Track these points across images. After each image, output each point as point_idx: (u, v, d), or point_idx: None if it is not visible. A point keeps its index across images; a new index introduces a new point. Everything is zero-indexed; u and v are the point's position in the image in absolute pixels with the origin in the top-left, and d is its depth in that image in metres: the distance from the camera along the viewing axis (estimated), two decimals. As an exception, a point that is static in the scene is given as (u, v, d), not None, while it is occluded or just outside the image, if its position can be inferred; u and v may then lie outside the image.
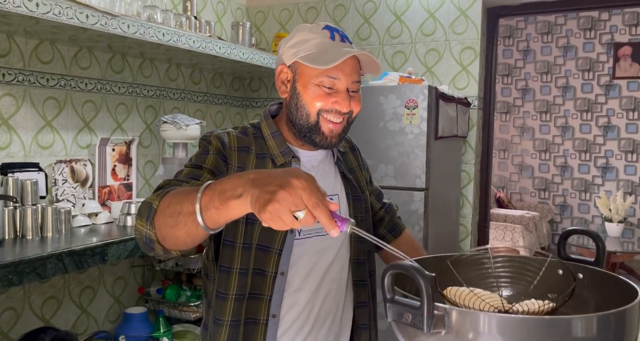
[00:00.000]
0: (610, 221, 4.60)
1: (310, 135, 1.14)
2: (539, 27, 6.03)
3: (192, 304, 2.45)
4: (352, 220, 0.77)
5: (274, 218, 0.75)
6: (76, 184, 2.24)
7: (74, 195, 2.22)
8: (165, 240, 0.91)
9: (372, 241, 0.81)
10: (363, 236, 0.79)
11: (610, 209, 4.59)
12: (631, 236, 4.98)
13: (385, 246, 0.79)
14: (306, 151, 1.20)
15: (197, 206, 0.83)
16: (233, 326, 1.10)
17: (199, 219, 0.83)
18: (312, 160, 1.21)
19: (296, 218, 0.74)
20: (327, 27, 1.13)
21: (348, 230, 0.77)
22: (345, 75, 1.10)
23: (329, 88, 1.11)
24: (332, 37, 1.12)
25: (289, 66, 1.15)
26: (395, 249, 0.79)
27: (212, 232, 0.87)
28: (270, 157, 1.16)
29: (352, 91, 1.13)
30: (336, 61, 1.06)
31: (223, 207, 0.81)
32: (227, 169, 1.11)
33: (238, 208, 0.80)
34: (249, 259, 1.11)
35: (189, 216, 0.84)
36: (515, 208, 6.05)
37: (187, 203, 0.85)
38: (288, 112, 1.17)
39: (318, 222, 0.76)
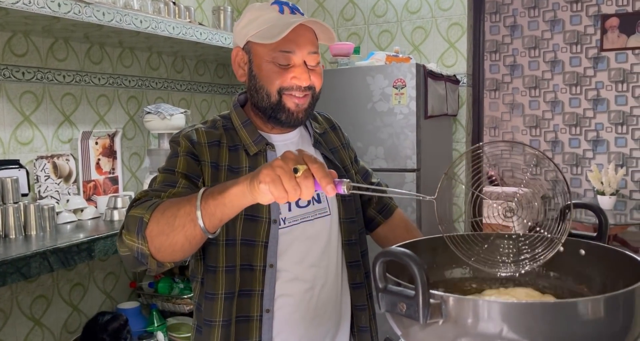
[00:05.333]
0: (603, 194, 4.59)
1: (276, 114, 1.10)
2: (525, 2, 5.96)
3: (186, 296, 2.41)
4: (347, 180, 0.79)
5: (275, 180, 0.77)
6: (59, 180, 2.18)
7: (57, 191, 2.16)
8: (160, 251, 0.90)
9: (373, 193, 0.85)
10: (363, 191, 0.82)
11: (602, 182, 4.59)
12: (623, 208, 4.99)
13: (387, 190, 0.89)
14: (278, 134, 1.16)
15: (197, 203, 0.85)
16: (225, 327, 1.07)
17: (198, 214, 0.85)
18: (288, 144, 1.16)
19: (295, 172, 0.77)
20: (276, 2, 1.09)
21: (345, 189, 0.78)
22: (299, 47, 1.06)
23: (284, 64, 1.06)
24: (281, 11, 1.07)
25: (243, 48, 1.12)
26: (401, 191, 0.85)
27: (210, 235, 0.88)
28: (243, 148, 1.12)
29: (311, 65, 1.09)
30: (284, 32, 1.01)
31: (221, 196, 0.84)
32: (200, 167, 1.07)
33: (237, 194, 0.83)
34: (234, 256, 1.07)
35: (187, 216, 0.86)
36: (507, 185, 6.04)
37: (185, 204, 0.87)
38: (250, 96, 1.13)
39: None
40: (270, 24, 1.06)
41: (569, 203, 0.71)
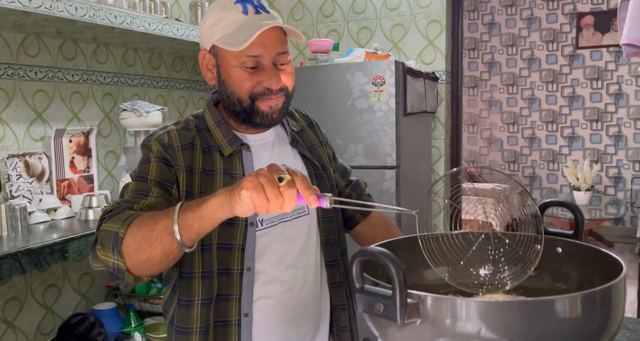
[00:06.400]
0: (578, 189, 4.67)
1: (250, 118, 1.07)
2: (502, 0, 6.02)
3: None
4: (329, 194, 0.79)
5: (257, 187, 0.77)
6: (32, 179, 2.13)
7: (30, 190, 2.11)
8: (138, 266, 0.88)
9: (358, 208, 0.92)
10: (345, 205, 0.82)
11: (577, 178, 4.66)
12: (598, 203, 5.08)
13: (369, 205, 0.84)
14: (254, 134, 1.14)
15: (175, 217, 0.84)
16: (202, 333, 1.04)
17: (175, 228, 0.84)
18: (264, 144, 1.14)
19: (280, 181, 0.77)
20: (239, 0, 1.04)
21: (328, 204, 0.78)
22: (267, 49, 1.03)
23: (253, 68, 1.03)
24: (245, 11, 1.03)
25: (209, 51, 1.09)
26: (385, 206, 0.86)
27: (186, 249, 0.87)
28: (217, 149, 1.09)
29: (281, 64, 1.06)
30: (249, 39, 0.98)
31: (199, 208, 0.83)
32: (174, 172, 1.04)
33: (215, 206, 0.82)
34: (211, 261, 1.04)
35: (165, 230, 0.85)
36: (485, 182, 6.10)
37: (162, 217, 0.86)
38: (222, 100, 1.10)
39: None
40: (234, 28, 1.02)
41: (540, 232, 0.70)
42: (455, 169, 0.76)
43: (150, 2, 2.38)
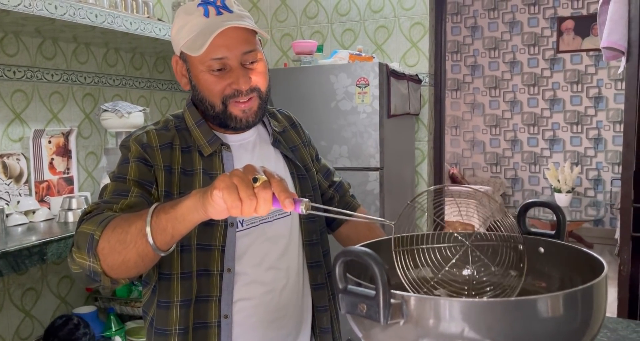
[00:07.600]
0: (559, 191, 4.73)
1: (224, 122, 1.06)
2: (485, 3, 6.08)
3: (146, 299, 2.34)
4: (306, 199, 0.76)
5: (230, 187, 0.74)
6: (9, 180, 2.09)
7: (7, 192, 2.07)
8: (114, 269, 0.86)
9: (333, 215, 0.87)
10: (320, 212, 0.81)
11: (558, 180, 4.72)
12: (579, 205, 5.15)
13: (347, 213, 0.84)
14: (234, 134, 1.12)
15: (148, 218, 0.82)
16: (181, 335, 1.03)
17: (147, 230, 0.82)
18: (245, 144, 1.13)
19: (255, 182, 0.74)
20: (201, 3, 1.02)
21: (304, 209, 0.75)
22: (231, 50, 1.00)
23: (220, 70, 1.02)
24: (206, 13, 1.01)
25: (180, 57, 1.07)
26: (362, 215, 0.84)
27: (161, 253, 0.85)
28: (196, 150, 1.08)
29: (250, 63, 1.03)
30: (205, 43, 0.96)
31: (173, 210, 0.81)
32: (153, 172, 1.03)
33: (189, 207, 0.80)
34: (190, 262, 1.03)
35: (139, 232, 0.83)
36: (468, 184, 6.15)
37: (136, 220, 0.84)
38: (196, 104, 1.09)
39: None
40: (196, 32, 1.00)
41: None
42: (438, 186, 0.76)
43: (132, 1, 2.35)
